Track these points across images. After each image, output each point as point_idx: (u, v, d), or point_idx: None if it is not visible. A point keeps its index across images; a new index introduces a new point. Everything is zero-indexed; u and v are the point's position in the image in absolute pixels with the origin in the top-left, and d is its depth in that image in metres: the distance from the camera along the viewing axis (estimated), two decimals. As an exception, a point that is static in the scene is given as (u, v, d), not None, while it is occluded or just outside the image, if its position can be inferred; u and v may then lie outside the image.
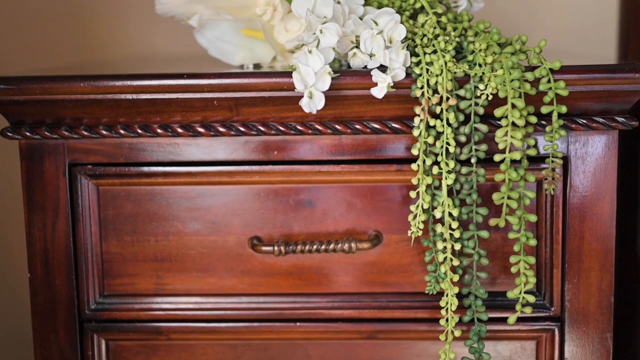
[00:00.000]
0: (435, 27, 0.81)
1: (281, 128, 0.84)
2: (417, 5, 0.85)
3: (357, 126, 0.83)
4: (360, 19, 0.84)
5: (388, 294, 0.88)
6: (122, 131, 0.84)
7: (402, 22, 0.84)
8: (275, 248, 0.85)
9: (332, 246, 0.85)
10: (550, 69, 0.79)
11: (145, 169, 0.87)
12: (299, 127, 0.83)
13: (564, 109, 0.78)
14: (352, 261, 0.88)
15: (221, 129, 0.84)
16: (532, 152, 0.80)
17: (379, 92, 0.78)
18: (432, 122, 0.79)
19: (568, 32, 1.31)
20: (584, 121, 0.82)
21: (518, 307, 0.82)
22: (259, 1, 0.89)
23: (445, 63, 0.78)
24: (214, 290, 0.89)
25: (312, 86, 0.77)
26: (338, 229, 0.87)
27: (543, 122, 0.82)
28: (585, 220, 0.85)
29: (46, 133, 0.85)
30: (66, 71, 0.97)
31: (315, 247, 0.85)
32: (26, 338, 1.30)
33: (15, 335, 1.40)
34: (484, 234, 0.82)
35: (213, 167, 0.86)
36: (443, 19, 0.83)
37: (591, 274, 0.86)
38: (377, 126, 0.83)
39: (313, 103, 0.78)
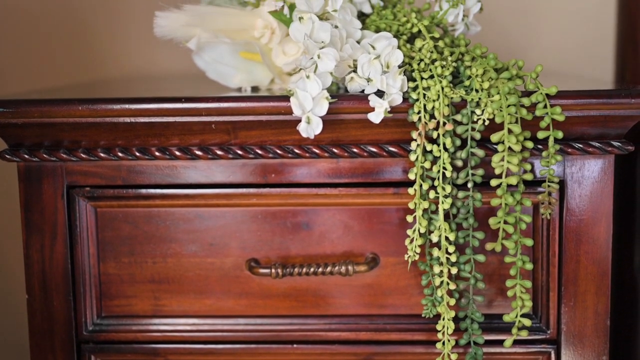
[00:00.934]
0: (432, 52, 0.82)
1: (279, 151, 0.84)
2: (415, 30, 0.86)
3: (355, 150, 0.84)
4: (358, 42, 0.84)
5: (385, 316, 0.89)
6: (120, 154, 0.85)
7: (399, 46, 0.84)
8: (273, 270, 0.85)
9: (329, 269, 0.85)
10: (547, 95, 0.79)
11: (143, 191, 0.87)
12: (296, 151, 0.84)
13: (560, 135, 0.79)
14: (349, 283, 0.88)
15: (219, 152, 0.84)
16: (528, 176, 0.80)
17: (376, 117, 0.79)
18: (429, 147, 0.79)
19: (565, 50, 1.32)
20: (580, 145, 0.83)
21: (514, 330, 0.82)
22: (257, 24, 0.90)
23: (442, 88, 0.79)
24: (212, 311, 0.89)
25: (310, 111, 0.78)
26: (335, 251, 0.88)
27: (539, 147, 0.82)
28: (581, 244, 0.85)
29: (44, 155, 0.85)
30: (65, 91, 0.97)
31: (312, 269, 0.85)
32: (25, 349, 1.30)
33: (15, 347, 1.41)
34: (481, 257, 0.82)
35: (211, 189, 0.87)
36: (440, 43, 0.84)
37: (587, 297, 0.86)
38: (374, 150, 0.83)
39: (311, 128, 0.78)
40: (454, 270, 0.81)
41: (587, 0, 1.31)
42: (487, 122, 0.79)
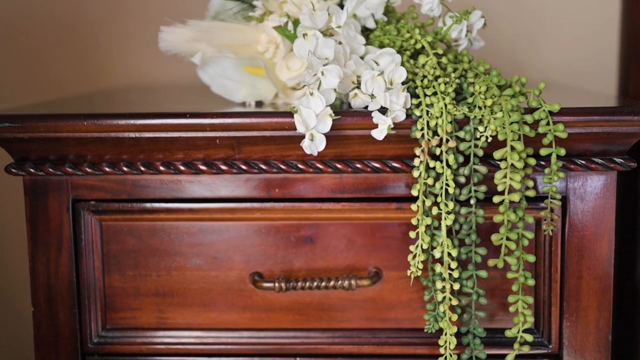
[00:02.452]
0: (435, 68, 0.82)
1: (282, 166, 0.84)
2: (418, 46, 0.86)
3: (358, 165, 0.84)
4: (362, 58, 0.85)
5: (387, 330, 0.89)
6: (125, 168, 0.85)
7: (403, 62, 0.85)
8: (276, 284, 0.86)
9: (332, 283, 0.86)
10: (550, 112, 0.79)
11: (148, 205, 0.87)
12: (300, 166, 0.84)
13: (562, 152, 0.79)
14: (352, 297, 0.89)
15: (223, 167, 0.85)
16: (530, 193, 0.81)
17: (379, 133, 0.79)
18: (432, 163, 0.80)
19: (569, 63, 1.32)
20: (583, 162, 0.83)
21: (516, 346, 0.83)
22: (261, 39, 0.90)
23: (445, 105, 0.79)
24: (215, 324, 0.90)
25: (313, 128, 0.78)
26: (338, 265, 0.88)
27: (542, 163, 0.82)
28: (583, 259, 0.86)
29: (50, 170, 0.85)
30: (72, 104, 0.98)
31: (315, 283, 0.86)
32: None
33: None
34: (483, 273, 0.83)
35: (215, 203, 0.87)
36: (443, 59, 0.84)
37: (589, 312, 0.86)
38: (377, 165, 0.84)
39: (314, 145, 0.78)
40: (456, 286, 0.81)
41: (591, 14, 1.31)
42: (489, 139, 0.79)
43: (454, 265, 0.81)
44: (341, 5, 0.91)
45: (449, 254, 0.81)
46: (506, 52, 1.31)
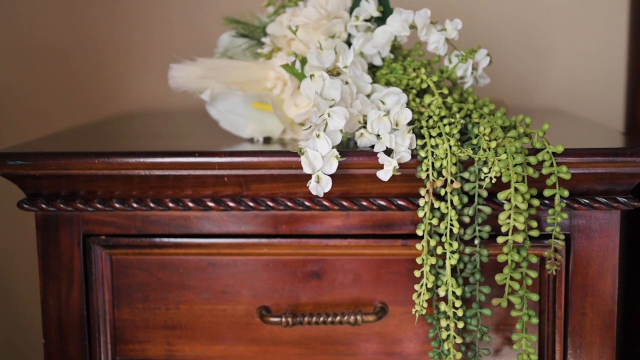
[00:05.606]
0: (441, 108, 0.83)
1: (289, 204, 0.86)
2: (424, 85, 0.87)
3: (364, 203, 0.85)
4: (368, 96, 0.86)
5: (393, 364, 0.90)
6: (134, 204, 0.87)
7: (409, 101, 0.86)
8: (283, 319, 0.87)
9: (338, 318, 0.87)
10: (553, 153, 0.80)
11: (157, 240, 0.89)
12: (306, 203, 0.85)
13: (566, 193, 0.80)
14: (358, 331, 0.90)
15: (231, 204, 0.86)
16: (534, 233, 0.81)
17: (384, 175, 0.80)
18: (436, 204, 0.81)
19: (576, 87, 1.33)
20: (587, 201, 0.84)
21: (520, 383, 0.84)
22: (269, 75, 0.91)
23: (450, 147, 0.80)
24: (223, 357, 0.91)
25: (319, 170, 0.79)
26: (344, 300, 0.89)
27: (546, 202, 0.83)
28: (587, 297, 0.86)
29: (61, 205, 0.87)
30: (81, 136, 0.99)
31: (322, 319, 0.87)
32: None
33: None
34: (487, 312, 0.83)
35: (223, 239, 0.88)
36: (449, 99, 0.85)
37: (592, 349, 0.87)
38: (383, 203, 0.85)
39: (320, 187, 0.79)
40: (460, 324, 0.82)
41: (598, 39, 1.31)
42: (494, 180, 0.80)
43: (458, 303, 0.82)
44: (348, 42, 0.92)
45: (454, 293, 0.82)
46: (513, 77, 1.31)
